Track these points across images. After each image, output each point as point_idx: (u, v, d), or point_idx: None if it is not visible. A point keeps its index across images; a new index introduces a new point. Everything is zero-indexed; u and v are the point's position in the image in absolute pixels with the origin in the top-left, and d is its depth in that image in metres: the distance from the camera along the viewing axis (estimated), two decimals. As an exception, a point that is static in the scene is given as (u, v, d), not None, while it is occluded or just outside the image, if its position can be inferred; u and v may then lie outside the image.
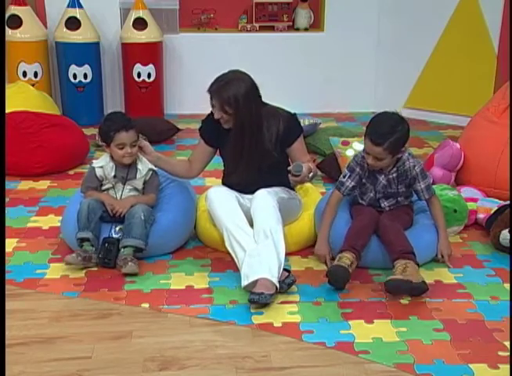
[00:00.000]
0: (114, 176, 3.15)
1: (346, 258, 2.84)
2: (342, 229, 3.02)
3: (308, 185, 3.48)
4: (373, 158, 2.94)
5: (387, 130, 2.88)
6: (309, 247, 3.25)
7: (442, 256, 3.08)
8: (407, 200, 3.15)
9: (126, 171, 3.15)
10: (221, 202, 3.00)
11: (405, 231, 3.02)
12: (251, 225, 2.92)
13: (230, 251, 2.91)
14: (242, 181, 3.10)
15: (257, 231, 2.86)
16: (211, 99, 3.01)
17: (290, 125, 3.11)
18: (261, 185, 3.02)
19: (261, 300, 2.66)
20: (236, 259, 2.88)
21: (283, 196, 3.07)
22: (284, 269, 2.84)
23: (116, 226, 3.10)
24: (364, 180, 3.09)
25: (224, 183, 3.22)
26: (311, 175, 3.00)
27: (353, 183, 3.08)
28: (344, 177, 3.11)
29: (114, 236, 3.06)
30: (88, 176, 3.22)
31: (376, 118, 2.97)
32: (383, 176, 3.05)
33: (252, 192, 3.03)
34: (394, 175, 3.04)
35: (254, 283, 2.71)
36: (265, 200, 2.94)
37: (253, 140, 3.01)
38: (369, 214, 3.04)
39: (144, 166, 3.18)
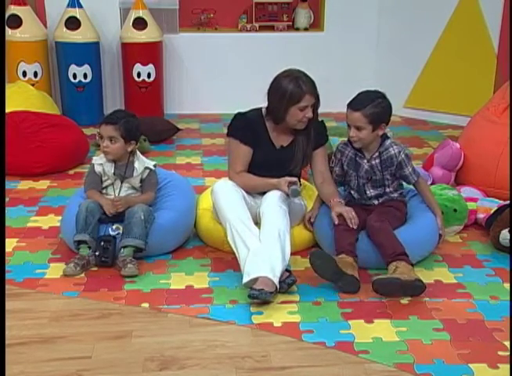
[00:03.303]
0: (114, 173, 3.16)
1: (346, 263, 2.84)
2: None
3: (308, 186, 3.48)
4: (354, 129, 3.02)
5: (367, 99, 3.01)
6: (310, 248, 3.25)
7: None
8: (397, 193, 3.15)
9: (124, 169, 3.16)
10: (226, 196, 2.99)
11: (398, 228, 3.04)
12: (255, 223, 2.92)
13: (232, 246, 2.90)
14: None
15: (265, 232, 2.85)
16: (303, 100, 3.03)
17: (318, 132, 3.20)
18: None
19: (260, 296, 2.66)
20: (237, 254, 2.87)
21: (291, 200, 3.06)
22: (286, 270, 2.84)
23: (113, 225, 3.10)
24: (345, 167, 3.14)
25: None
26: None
27: (338, 168, 3.20)
28: (331, 162, 3.25)
29: (111, 233, 3.06)
30: (88, 174, 3.26)
31: (360, 92, 3.09)
32: (365, 161, 3.08)
33: (261, 192, 3.03)
34: (377, 160, 3.06)
35: (255, 280, 2.71)
36: (276, 202, 2.94)
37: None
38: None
39: (141, 164, 3.19)
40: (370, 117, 2.97)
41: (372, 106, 2.96)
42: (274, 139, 3.15)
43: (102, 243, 3.01)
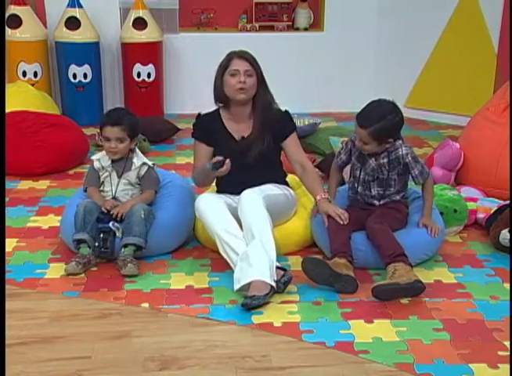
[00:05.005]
0: (112, 167, 3.20)
1: (340, 264, 2.84)
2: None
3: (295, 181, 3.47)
4: (359, 140, 2.99)
5: (376, 116, 2.92)
6: (309, 248, 3.25)
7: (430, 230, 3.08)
8: (399, 195, 3.14)
9: (123, 164, 3.19)
10: (210, 210, 2.98)
11: (399, 230, 3.04)
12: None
13: (225, 257, 2.91)
14: (235, 180, 3.05)
15: (245, 233, 2.86)
16: (231, 63, 3.06)
17: (281, 121, 3.15)
18: (253, 183, 3.02)
19: (253, 303, 2.65)
20: (231, 264, 2.88)
21: (269, 193, 3.04)
22: (281, 268, 2.84)
23: (113, 223, 3.10)
24: (354, 159, 3.13)
25: (218, 189, 3.23)
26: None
27: (345, 156, 3.18)
28: (341, 149, 3.23)
29: (111, 226, 3.06)
30: (88, 171, 3.30)
31: (370, 103, 3.02)
32: (373, 159, 3.06)
33: (241, 193, 3.03)
34: (385, 160, 3.05)
35: (247, 286, 2.71)
36: (250, 200, 2.93)
37: (258, 117, 3.08)
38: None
39: (139, 160, 3.22)
40: (374, 135, 2.92)
41: (379, 124, 2.89)
42: (233, 132, 3.16)
43: (102, 235, 3.03)
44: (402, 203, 3.16)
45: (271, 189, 3.09)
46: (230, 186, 3.12)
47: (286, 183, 3.27)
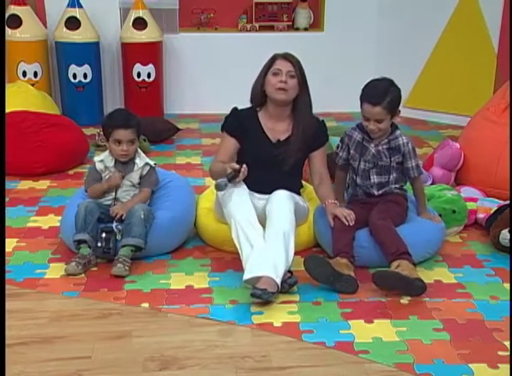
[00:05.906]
0: (115, 167, 3.19)
1: (341, 264, 2.85)
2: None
3: (310, 187, 3.48)
4: (374, 122, 3.01)
5: (383, 90, 3.01)
6: (310, 248, 3.25)
7: None
8: (398, 185, 3.15)
9: (125, 167, 3.19)
10: (233, 194, 2.96)
11: (400, 225, 3.04)
12: (260, 223, 2.91)
13: (236, 243, 2.89)
14: (259, 180, 3.04)
15: (270, 230, 2.84)
16: (275, 63, 3.05)
17: (318, 132, 3.17)
18: (275, 186, 3.01)
19: (263, 296, 2.65)
20: (240, 251, 2.86)
21: (297, 201, 3.07)
22: (287, 270, 2.84)
23: (116, 225, 3.10)
24: (352, 151, 3.15)
25: None
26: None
27: (345, 153, 3.21)
28: (337, 148, 3.25)
29: (113, 227, 3.06)
30: (89, 172, 3.28)
31: (368, 84, 3.09)
32: (372, 145, 3.08)
33: (264, 192, 3.03)
34: (385, 146, 3.07)
35: (258, 279, 2.71)
36: (284, 201, 2.93)
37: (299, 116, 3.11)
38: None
39: (142, 161, 3.22)
40: (389, 108, 2.99)
41: (390, 96, 2.99)
42: (269, 133, 3.14)
43: (104, 234, 3.03)
44: (400, 195, 3.17)
45: (296, 197, 3.10)
46: (252, 184, 3.07)
47: (300, 194, 3.27)
